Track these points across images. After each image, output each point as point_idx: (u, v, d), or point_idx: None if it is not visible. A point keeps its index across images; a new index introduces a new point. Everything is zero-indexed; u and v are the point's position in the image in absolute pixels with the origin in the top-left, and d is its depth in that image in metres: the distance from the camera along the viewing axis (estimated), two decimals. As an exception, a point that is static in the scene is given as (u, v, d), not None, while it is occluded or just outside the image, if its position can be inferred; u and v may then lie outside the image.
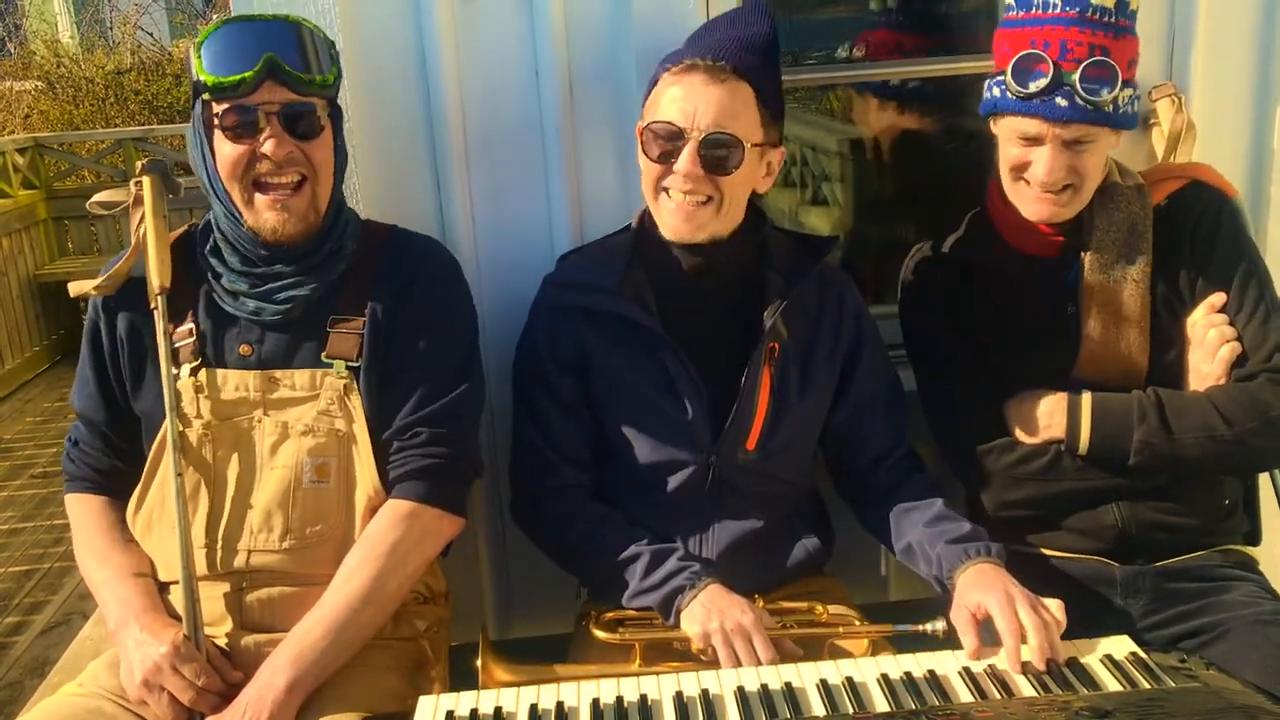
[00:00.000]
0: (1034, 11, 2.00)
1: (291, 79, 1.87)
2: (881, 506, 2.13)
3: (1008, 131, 2.04)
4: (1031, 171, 2.00)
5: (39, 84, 11.76)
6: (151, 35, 13.32)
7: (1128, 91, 1.98)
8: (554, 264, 2.24)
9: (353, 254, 2.03)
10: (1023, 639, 1.76)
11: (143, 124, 10.28)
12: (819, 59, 3.72)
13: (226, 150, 1.89)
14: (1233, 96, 2.47)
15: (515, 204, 2.42)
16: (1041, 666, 1.73)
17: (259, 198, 1.91)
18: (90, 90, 11.29)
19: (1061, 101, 1.94)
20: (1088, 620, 2.07)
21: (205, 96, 1.89)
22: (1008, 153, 2.04)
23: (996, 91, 2.03)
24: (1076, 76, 1.93)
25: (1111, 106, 1.95)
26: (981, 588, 1.85)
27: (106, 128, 10.38)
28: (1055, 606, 1.82)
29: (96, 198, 2.16)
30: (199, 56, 1.87)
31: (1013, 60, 1.98)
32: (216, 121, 1.89)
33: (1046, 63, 1.94)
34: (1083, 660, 1.75)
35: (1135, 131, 2.43)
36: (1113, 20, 1.95)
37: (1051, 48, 1.95)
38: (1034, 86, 1.95)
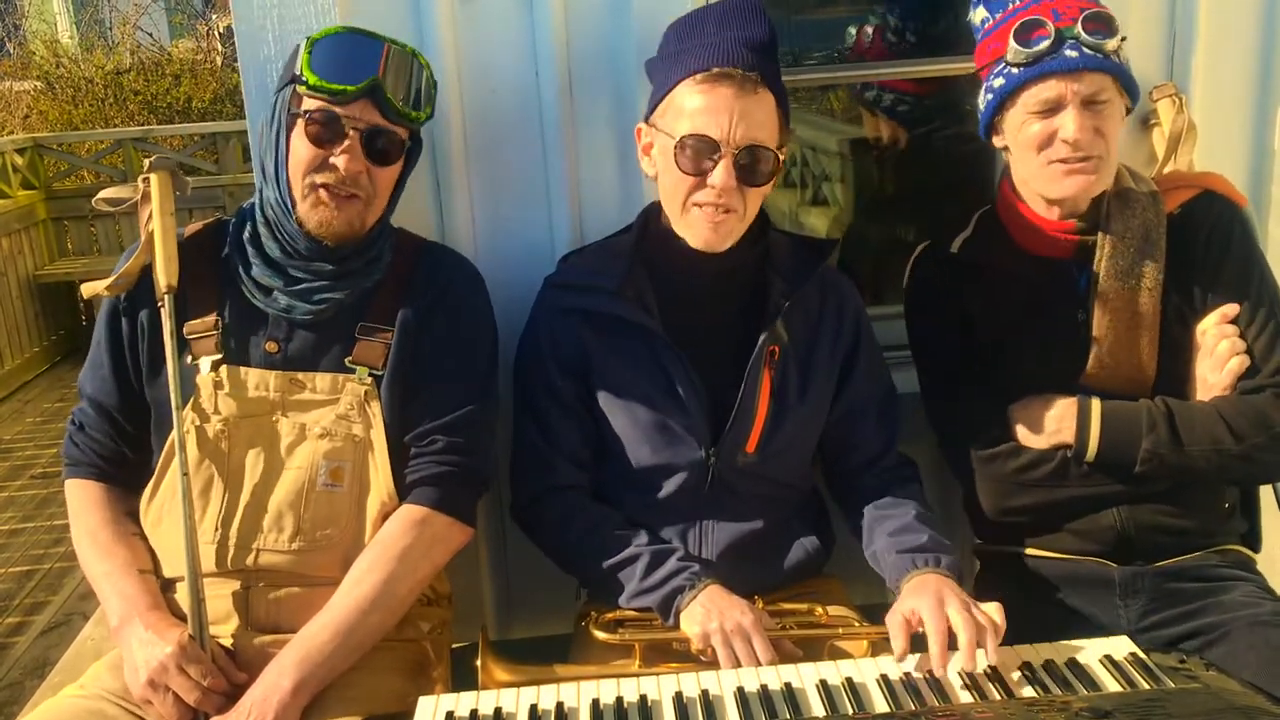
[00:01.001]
0: (1012, 5, 2.03)
1: (388, 106, 1.91)
2: (862, 512, 2.13)
3: (1022, 116, 2.01)
4: (1062, 133, 1.97)
5: (38, 84, 11.77)
6: (151, 35, 13.32)
7: (1125, 54, 2.00)
8: (554, 264, 2.24)
9: (389, 264, 2.05)
10: (952, 643, 1.75)
11: (142, 124, 10.28)
12: (819, 59, 3.72)
13: (302, 150, 1.91)
14: (1233, 96, 2.47)
15: (515, 204, 2.42)
16: (970, 665, 1.72)
17: (314, 195, 1.93)
18: (89, 90, 11.28)
19: (1071, 53, 1.95)
20: (1087, 621, 2.08)
21: (300, 89, 1.91)
22: (1029, 135, 2.01)
23: (1000, 82, 2.03)
24: (1078, 28, 1.95)
25: (1117, 56, 1.97)
26: (916, 594, 1.85)
27: (106, 128, 10.38)
28: (993, 609, 1.81)
29: (103, 194, 2.16)
30: (308, 51, 1.89)
31: (1012, 31, 1.98)
32: (303, 117, 1.90)
33: (1046, 25, 1.96)
34: (1082, 661, 1.75)
35: (1136, 132, 2.44)
36: None
37: (1044, 14, 1.97)
38: (1041, 46, 1.96)
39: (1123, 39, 1.98)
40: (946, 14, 3.15)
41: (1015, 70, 1.99)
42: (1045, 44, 1.95)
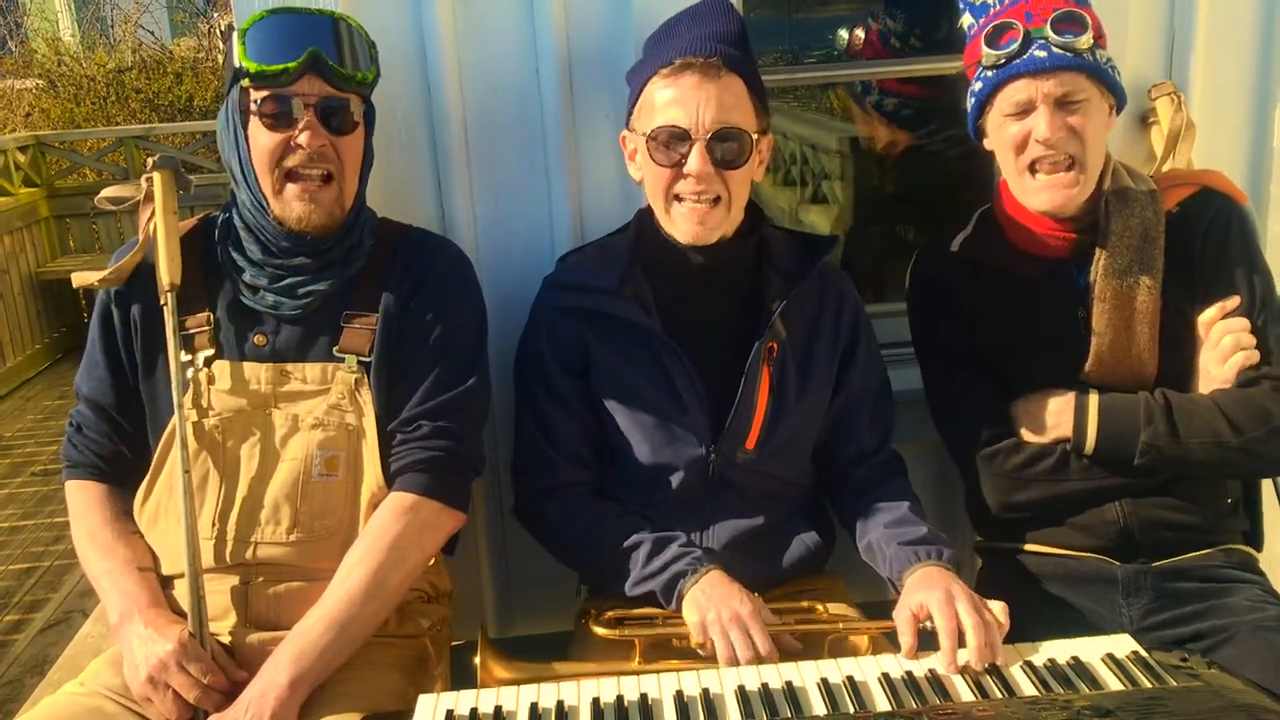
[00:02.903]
0: (992, 10, 2.04)
1: (332, 74, 1.90)
2: (854, 504, 2.14)
3: (999, 120, 2.04)
4: (1035, 134, 1.98)
5: (40, 82, 11.78)
6: (152, 34, 13.32)
7: (1104, 53, 2.00)
8: (554, 263, 2.24)
9: (370, 251, 2.04)
10: (962, 640, 1.76)
11: (144, 122, 10.28)
12: (819, 57, 3.72)
13: (263, 140, 1.91)
14: (1232, 95, 2.47)
15: (516, 202, 2.42)
16: (979, 667, 1.73)
17: (289, 187, 1.92)
18: (91, 88, 11.29)
19: (1039, 53, 1.96)
20: (1089, 619, 2.08)
21: (244, 83, 1.90)
22: (1006, 138, 2.03)
23: (978, 85, 2.06)
24: (1048, 29, 1.96)
25: (1090, 55, 1.96)
26: (924, 588, 1.86)
27: (108, 126, 10.38)
28: (998, 609, 1.82)
29: (105, 193, 2.16)
30: (242, 43, 1.89)
31: (984, 36, 2.01)
32: (254, 109, 1.90)
33: (1016, 27, 1.98)
34: (1084, 659, 1.75)
35: (1135, 130, 2.43)
36: None
37: (1018, 16, 1.99)
38: (1010, 48, 1.98)
39: (1097, 38, 1.98)
40: (948, 17, 3.15)
41: (990, 73, 2.02)
42: (1014, 46, 1.97)
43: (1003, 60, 1.99)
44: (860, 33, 3.48)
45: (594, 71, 2.35)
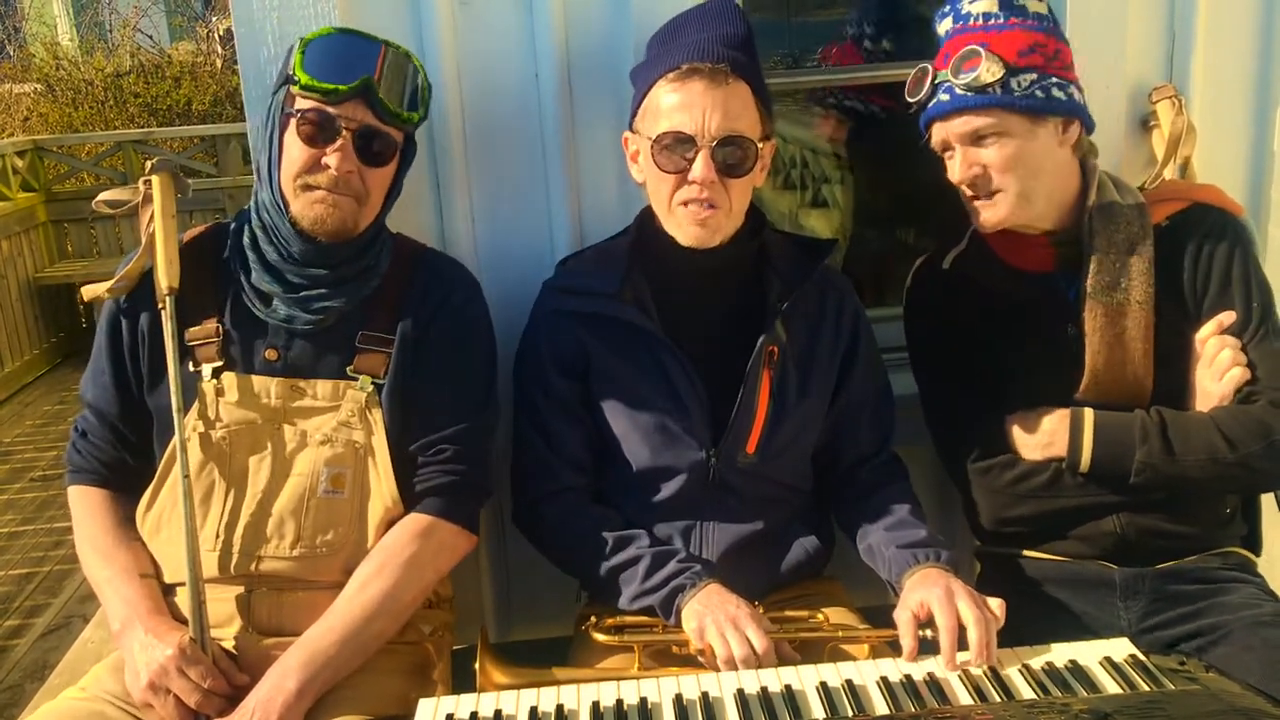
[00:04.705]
0: (941, 49, 2.09)
1: (379, 106, 1.91)
2: (854, 507, 2.14)
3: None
4: (949, 174, 2.07)
5: (38, 86, 11.77)
6: (151, 38, 13.34)
7: (1028, 76, 1.97)
8: (554, 265, 2.24)
9: (386, 272, 2.05)
10: (963, 639, 1.77)
11: (142, 126, 10.28)
12: (819, 60, 3.72)
13: (295, 150, 1.91)
14: (1233, 98, 2.47)
15: (515, 207, 2.42)
16: (979, 663, 1.74)
17: (307, 193, 1.92)
18: (89, 93, 11.29)
19: (944, 96, 2.01)
20: (1087, 622, 2.08)
21: (294, 89, 1.91)
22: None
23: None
24: (949, 72, 2.00)
25: (1000, 89, 1.96)
26: (924, 587, 1.87)
27: (106, 130, 10.37)
28: (996, 605, 1.83)
29: (103, 196, 2.16)
30: (301, 51, 1.90)
31: (907, 85, 2.10)
32: (295, 116, 1.90)
33: (927, 73, 2.04)
34: (1082, 663, 1.75)
35: (1136, 134, 2.43)
36: (995, 20, 2.00)
37: (939, 61, 2.05)
38: (919, 95, 2.05)
39: (1013, 70, 1.95)
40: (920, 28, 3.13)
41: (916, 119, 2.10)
42: (923, 93, 2.05)
43: (918, 107, 2.07)
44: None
45: (594, 75, 2.35)
